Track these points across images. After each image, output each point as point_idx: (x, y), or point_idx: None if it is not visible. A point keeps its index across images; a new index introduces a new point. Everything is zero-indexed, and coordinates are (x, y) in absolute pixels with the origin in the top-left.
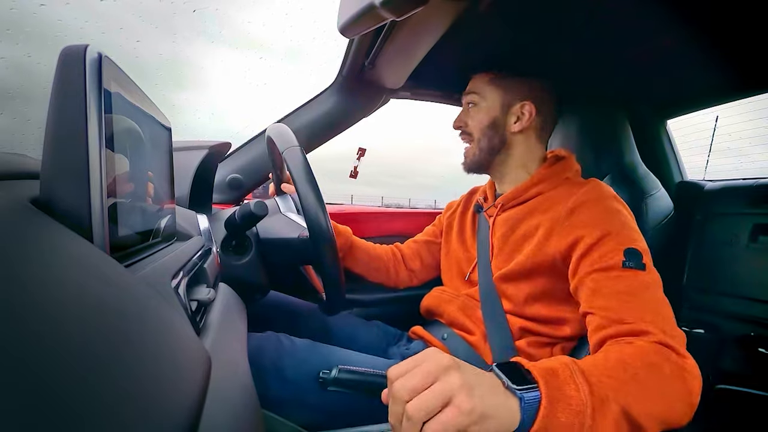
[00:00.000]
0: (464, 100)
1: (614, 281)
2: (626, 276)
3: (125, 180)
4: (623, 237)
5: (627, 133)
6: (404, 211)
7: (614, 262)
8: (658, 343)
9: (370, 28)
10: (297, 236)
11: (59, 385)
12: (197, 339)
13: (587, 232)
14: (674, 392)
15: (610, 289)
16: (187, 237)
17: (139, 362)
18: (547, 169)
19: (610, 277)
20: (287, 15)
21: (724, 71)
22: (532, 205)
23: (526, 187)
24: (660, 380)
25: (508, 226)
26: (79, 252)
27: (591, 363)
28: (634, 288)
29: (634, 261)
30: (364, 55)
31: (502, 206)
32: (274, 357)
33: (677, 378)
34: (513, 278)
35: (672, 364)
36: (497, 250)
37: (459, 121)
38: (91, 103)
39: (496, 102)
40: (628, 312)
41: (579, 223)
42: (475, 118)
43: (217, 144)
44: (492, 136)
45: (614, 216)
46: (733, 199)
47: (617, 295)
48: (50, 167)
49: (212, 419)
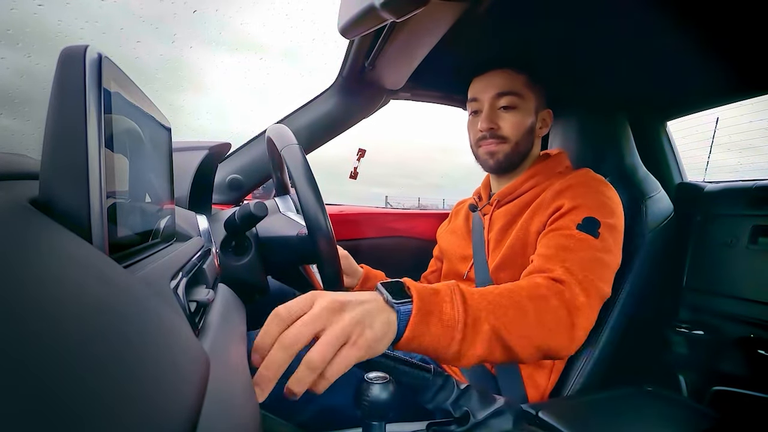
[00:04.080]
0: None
1: (560, 238)
2: (575, 236)
3: (125, 180)
4: (593, 210)
5: (627, 135)
6: (405, 211)
7: (572, 223)
8: (554, 279)
9: (371, 29)
10: (296, 234)
11: (57, 386)
12: (196, 340)
13: (565, 202)
14: (556, 323)
15: (553, 243)
16: (187, 237)
17: (138, 363)
18: (539, 165)
19: (560, 235)
20: (287, 16)
21: (724, 73)
22: (527, 197)
23: (521, 181)
24: (541, 309)
25: (506, 219)
26: (77, 252)
27: (479, 290)
28: (575, 246)
29: (589, 227)
30: (364, 55)
31: (498, 202)
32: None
33: (562, 310)
34: (507, 265)
35: (560, 299)
36: (495, 244)
37: (490, 122)
38: (90, 103)
39: (532, 106)
40: (554, 262)
41: (561, 197)
42: (511, 120)
43: (217, 144)
44: (528, 139)
45: (595, 196)
46: (733, 200)
47: (555, 248)
48: (49, 167)
49: (211, 420)
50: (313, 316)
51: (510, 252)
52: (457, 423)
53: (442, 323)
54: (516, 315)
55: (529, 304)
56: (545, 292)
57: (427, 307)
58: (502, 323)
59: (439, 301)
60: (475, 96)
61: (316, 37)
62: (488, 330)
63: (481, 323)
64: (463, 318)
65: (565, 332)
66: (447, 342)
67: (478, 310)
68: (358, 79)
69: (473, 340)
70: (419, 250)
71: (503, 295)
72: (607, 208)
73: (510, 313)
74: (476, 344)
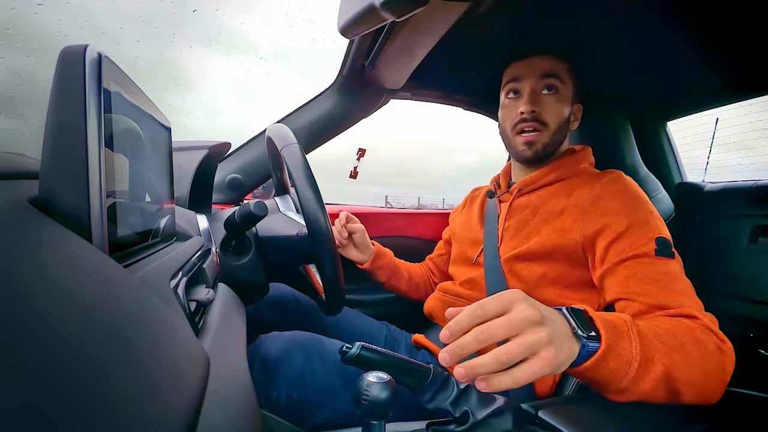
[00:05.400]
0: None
1: (649, 268)
2: (660, 263)
3: (125, 180)
4: (652, 226)
5: (628, 135)
6: (405, 211)
7: (647, 249)
8: (703, 325)
9: (371, 29)
10: (296, 234)
11: (57, 385)
12: (196, 339)
13: (614, 219)
14: (713, 368)
15: (645, 275)
16: (187, 237)
17: (138, 362)
18: (565, 158)
19: (644, 264)
20: (287, 15)
21: (724, 73)
22: (552, 190)
23: (545, 172)
24: (703, 355)
25: (529, 209)
26: (77, 252)
27: (645, 325)
28: (668, 275)
29: (665, 249)
30: (364, 55)
31: (519, 191)
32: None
33: (717, 356)
34: (529, 258)
35: (714, 344)
36: (513, 232)
37: (533, 104)
38: (90, 103)
39: (570, 94)
40: (667, 297)
41: (606, 210)
42: (552, 106)
43: (216, 144)
44: (564, 130)
45: (641, 205)
46: (733, 200)
47: (654, 281)
48: (49, 167)
49: (211, 420)
50: (514, 323)
51: (538, 248)
52: (457, 423)
53: (620, 359)
54: (682, 358)
55: (692, 348)
56: (701, 336)
57: (610, 344)
58: (670, 366)
59: (617, 336)
60: (516, 76)
61: (316, 36)
62: (659, 371)
63: (653, 363)
64: (639, 357)
65: (721, 377)
66: (620, 378)
67: (651, 349)
68: (358, 78)
69: (643, 379)
70: (419, 250)
71: (668, 335)
72: (655, 215)
73: (677, 357)
74: (644, 383)
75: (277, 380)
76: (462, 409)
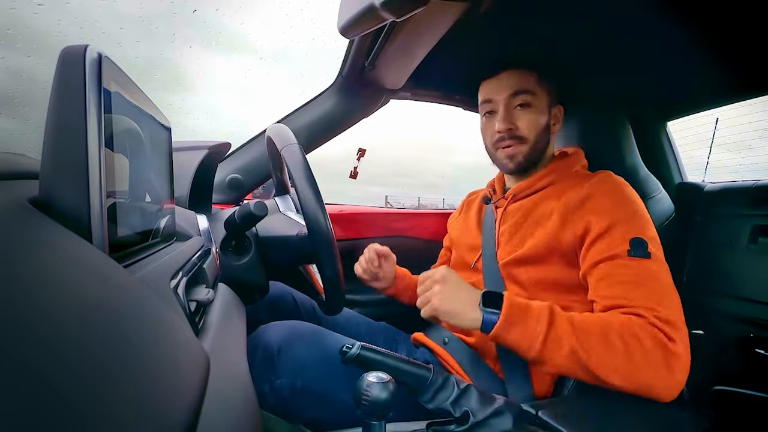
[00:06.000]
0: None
1: (619, 270)
2: (631, 265)
3: (125, 180)
4: (631, 226)
5: (628, 135)
6: (405, 211)
7: (620, 251)
8: (650, 324)
9: (371, 29)
10: (296, 234)
11: (57, 385)
12: (196, 339)
13: (596, 219)
14: (644, 360)
15: (614, 278)
16: (187, 237)
17: (138, 362)
18: (557, 162)
19: (616, 266)
20: (287, 15)
21: (724, 73)
22: (544, 193)
23: (538, 178)
24: (631, 346)
25: (521, 213)
26: (77, 252)
27: (573, 316)
28: (638, 277)
29: (640, 250)
30: (364, 55)
31: (514, 196)
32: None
33: (656, 351)
34: (525, 262)
35: (654, 340)
36: (508, 237)
37: (508, 122)
38: (90, 103)
39: (545, 103)
40: (627, 297)
41: (591, 210)
42: (527, 119)
43: (216, 144)
44: (544, 137)
45: (626, 205)
46: (733, 200)
47: (620, 284)
48: (49, 167)
49: (211, 420)
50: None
51: (532, 252)
52: (457, 423)
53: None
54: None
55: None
56: (639, 332)
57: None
58: (581, 348)
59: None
60: (488, 97)
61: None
62: (568, 350)
63: (560, 342)
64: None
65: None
66: (525, 347)
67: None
68: (358, 78)
69: (554, 354)
70: (419, 250)
71: (594, 323)
72: (638, 215)
73: (594, 342)
74: (557, 358)
75: (280, 368)
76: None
